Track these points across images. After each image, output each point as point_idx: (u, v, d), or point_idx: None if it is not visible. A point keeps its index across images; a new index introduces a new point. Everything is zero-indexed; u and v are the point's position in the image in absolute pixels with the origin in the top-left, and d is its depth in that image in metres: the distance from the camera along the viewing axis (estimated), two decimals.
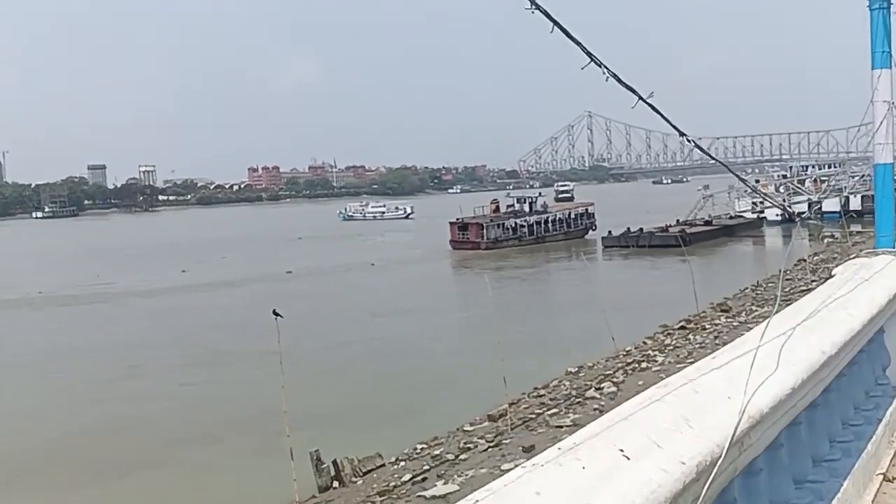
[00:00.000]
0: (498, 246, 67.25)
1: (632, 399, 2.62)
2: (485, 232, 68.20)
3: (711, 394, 2.61)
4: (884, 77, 5.73)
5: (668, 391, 2.59)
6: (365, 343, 30.47)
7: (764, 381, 2.80)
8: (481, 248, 66.22)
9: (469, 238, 68.03)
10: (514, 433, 15.35)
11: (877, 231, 6.03)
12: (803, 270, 36.40)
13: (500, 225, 70.16)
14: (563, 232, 72.92)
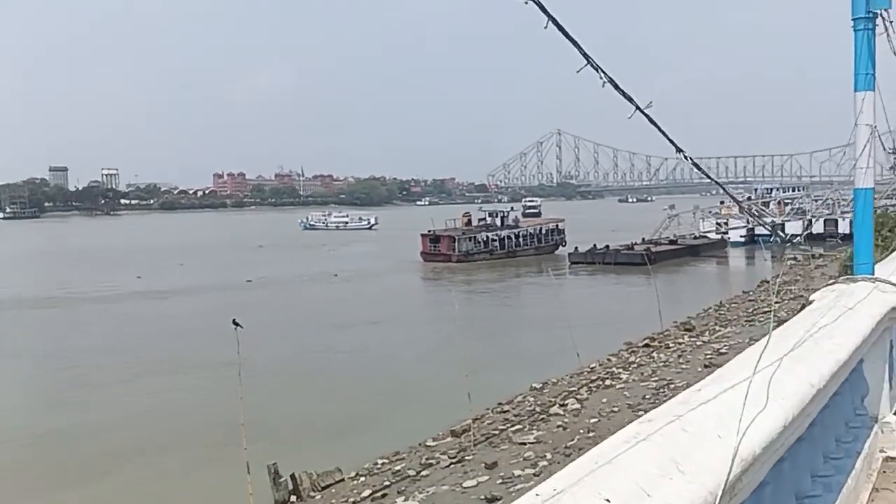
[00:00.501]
0: (469, 259, 67.37)
1: (615, 436, 2.38)
2: (456, 245, 68.34)
3: (701, 433, 2.39)
4: (867, 100, 5.61)
5: (654, 429, 2.35)
6: (326, 355, 29.84)
7: (755, 419, 2.58)
8: (452, 260, 66.26)
9: (440, 250, 68.09)
10: (478, 449, 15.14)
11: (856, 257, 5.90)
12: (766, 292, 36.81)
13: (471, 238, 70.32)
14: (534, 247, 73.35)
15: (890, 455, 5.73)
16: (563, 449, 13.78)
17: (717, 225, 77.47)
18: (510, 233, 73.64)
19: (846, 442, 4.57)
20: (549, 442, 14.46)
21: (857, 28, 5.80)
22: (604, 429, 14.63)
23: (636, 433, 2.35)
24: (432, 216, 74.38)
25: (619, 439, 2.33)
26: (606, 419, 15.44)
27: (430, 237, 69.42)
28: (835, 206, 76.02)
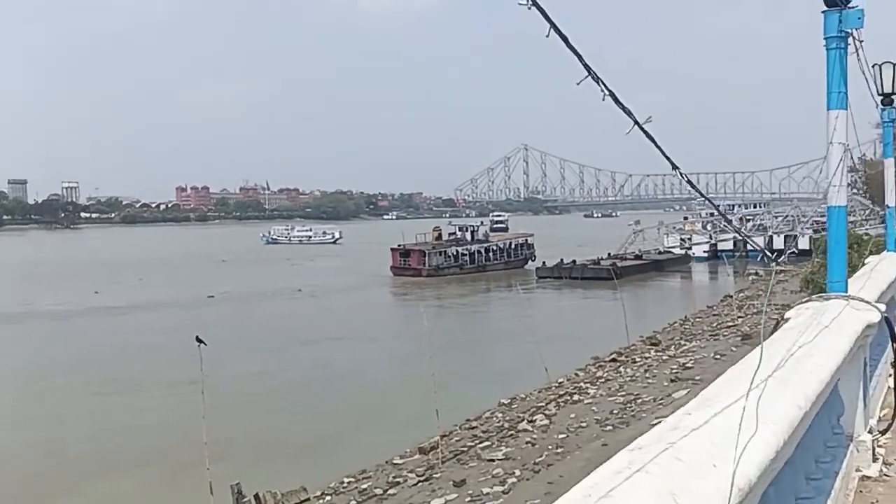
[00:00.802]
0: (439, 273, 67.30)
1: (606, 466, 2.28)
2: (427, 259, 68.28)
3: (696, 462, 2.29)
4: (840, 118, 5.62)
5: (647, 458, 2.25)
6: (291, 372, 29.22)
7: (748, 445, 2.49)
8: (423, 275, 66.08)
9: (411, 265, 67.97)
10: (446, 466, 15.00)
11: (829, 275, 5.90)
12: (729, 307, 37.21)
13: (441, 252, 70.35)
14: (504, 261, 73.65)
15: (866, 474, 5.72)
16: (532, 465, 13.70)
17: (681, 240, 78.48)
18: (480, 247, 73.82)
19: (825, 462, 4.53)
20: (518, 458, 14.36)
21: (830, 47, 5.82)
22: (572, 444, 14.58)
23: (629, 462, 2.25)
24: (400, 230, 74.07)
25: (611, 469, 2.23)
26: (575, 435, 15.40)
27: (401, 251, 69.27)
28: (795, 223, 77.47)
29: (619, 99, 3.40)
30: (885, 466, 6.02)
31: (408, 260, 68.52)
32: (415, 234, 73.11)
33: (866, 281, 7.70)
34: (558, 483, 12.18)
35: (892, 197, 12.83)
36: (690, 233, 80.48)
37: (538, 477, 12.87)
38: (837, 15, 5.77)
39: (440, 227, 78.91)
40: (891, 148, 13.67)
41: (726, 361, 19.45)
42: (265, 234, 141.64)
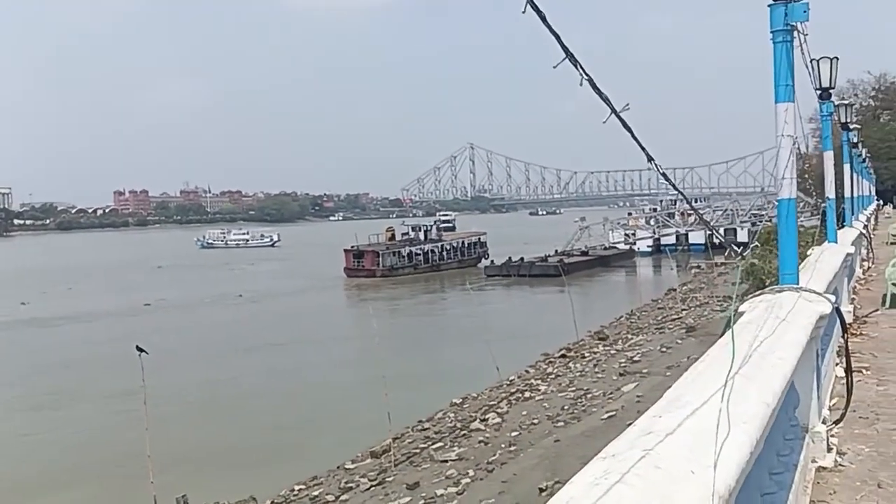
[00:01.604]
0: (394, 274, 67.23)
1: (581, 476, 2.15)
2: (381, 259, 68.23)
3: (675, 469, 2.19)
4: (789, 111, 5.63)
5: (624, 467, 2.13)
6: (235, 380, 28.45)
7: (722, 448, 2.40)
8: (377, 275, 65.97)
9: (365, 265, 67.82)
10: (398, 469, 14.85)
11: (781, 267, 5.92)
12: (673, 300, 37.85)
13: (395, 253, 70.37)
14: (458, 260, 73.95)
15: (822, 465, 5.75)
16: (486, 465, 13.64)
17: (626, 236, 79.67)
18: (433, 246, 74.11)
19: (784, 455, 4.49)
20: (472, 458, 14.30)
21: (776, 40, 5.82)
22: (525, 442, 14.58)
23: (605, 472, 2.13)
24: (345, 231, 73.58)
25: (586, 480, 2.11)
26: (527, 432, 15.41)
27: (354, 252, 69.12)
28: (734, 216, 79.31)
29: (598, 85, 3.30)
30: (839, 456, 6.07)
31: (361, 261, 68.38)
32: (362, 234, 72.67)
33: (813, 272, 7.80)
34: (512, 481, 12.14)
35: (831, 189, 13.12)
36: (634, 228, 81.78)
37: (492, 476, 12.82)
38: (783, 8, 5.78)
39: (393, 228, 78.94)
40: (829, 141, 13.99)
41: (672, 354, 19.74)
42: (200, 239, 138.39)
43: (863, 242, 20.77)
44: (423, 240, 75.27)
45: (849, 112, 19.09)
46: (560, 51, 3.06)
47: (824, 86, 11.98)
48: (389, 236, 75.49)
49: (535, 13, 2.85)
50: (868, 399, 7.92)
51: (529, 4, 2.79)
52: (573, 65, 3.13)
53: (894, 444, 6.50)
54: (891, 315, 13.19)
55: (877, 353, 10.18)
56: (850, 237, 15.66)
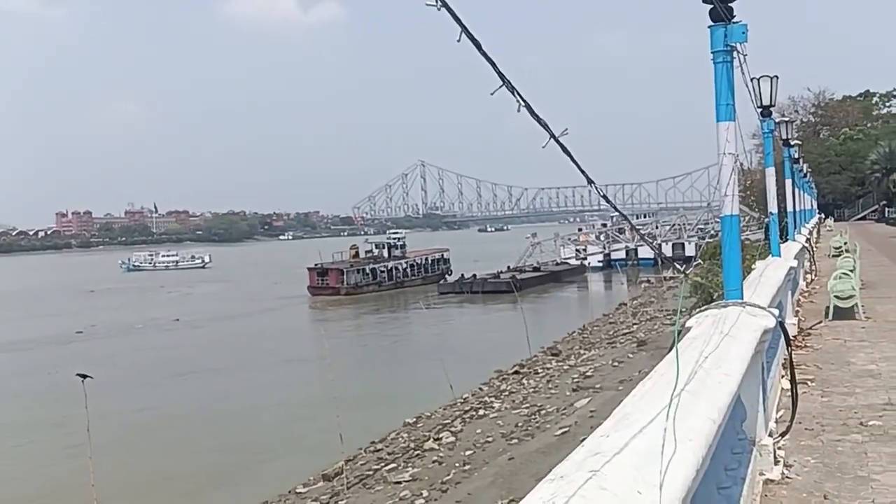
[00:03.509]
0: (358, 291, 67.10)
1: (530, 498, 2.14)
2: (345, 277, 67.98)
3: (621, 490, 2.18)
4: (730, 130, 5.75)
5: (572, 489, 2.12)
6: (180, 405, 27.50)
7: (668, 467, 2.40)
8: (341, 293, 65.73)
9: (329, 283, 67.49)
10: (351, 492, 14.65)
11: (726, 283, 6.02)
12: (624, 314, 38.28)
13: (359, 270, 70.19)
14: (422, 277, 74.16)
15: (769, 477, 5.84)
16: (440, 485, 13.54)
17: (577, 251, 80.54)
18: (397, 264, 74.23)
19: (732, 469, 4.55)
20: (426, 479, 14.18)
21: (717, 61, 5.95)
22: (479, 460, 14.52)
23: (553, 494, 2.11)
24: (296, 251, 72.97)
25: (534, 502, 2.09)
26: (481, 450, 15.35)
27: (318, 270, 68.85)
28: (681, 231, 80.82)
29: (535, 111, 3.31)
30: (786, 469, 6.17)
31: (325, 279, 68.17)
32: (311, 253, 72.15)
33: (757, 286, 7.96)
34: (466, 501, 12.07)
35: (774, 204, 13.43)
36: (585, 244, 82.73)
37: (446, 496, 12.73)
38: (723, 30, 5.92)
39: (357, 245, 78.71)
40: (771, 157, 14.35)
41: (624, 368, 19.91)
42: (125, 262, 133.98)
43: (806, 256, 21.30)
44: (387, 257, 75.34)
45: (789, 129, 19.63)
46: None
47: (765, 104, 12.30)
48: (353, 254, 75.31)
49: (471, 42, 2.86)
50: (813, 410, 8.09)
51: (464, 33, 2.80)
52: (510, 91, 3.14)
53: (839, 455, 6.63)
54: (834, 327, 13.53)
55: (821, 365, 10.41)
56: (793, 251, 16.03)
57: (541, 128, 3.45)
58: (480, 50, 2.95)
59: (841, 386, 9.20)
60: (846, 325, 13.65)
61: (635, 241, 77.14)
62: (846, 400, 8.52)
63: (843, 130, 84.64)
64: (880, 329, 13.16)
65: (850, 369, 10.12)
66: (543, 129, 3.45)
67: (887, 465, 6.25)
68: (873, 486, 5.81)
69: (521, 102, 3.24)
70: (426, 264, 77.03)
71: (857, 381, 9.39)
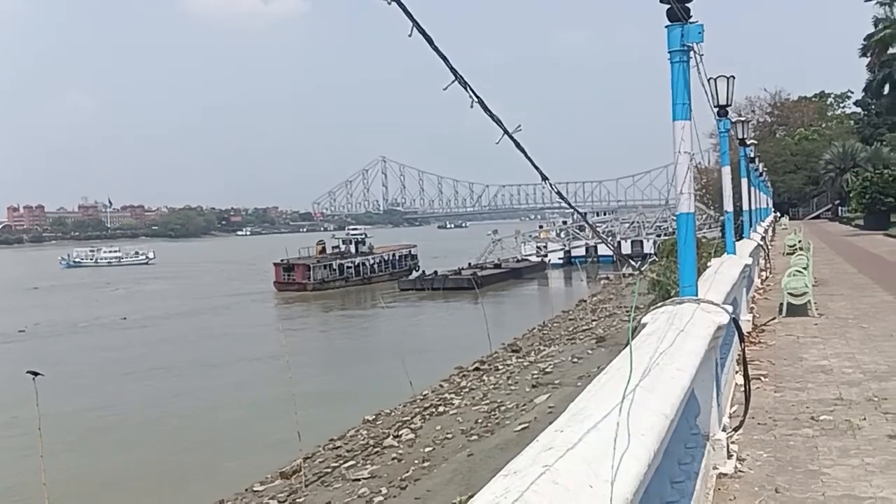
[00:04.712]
0: (325, 287, 66.62)
1: (483, 494, 2.13)
2: (311, 273, 67.46)
3: (573, 484, 2.19)
4: (685, 129, 5.81)
5: (524, 484, 2.12)
6: (133, 405, 26.71)
7: (621, 462, 2.42)
8: (308, 289, 65.18)
9: (295, 279, 66.95)
10: (309, 490, 14.56)
11: (681, 280, 6.09)
12: (584, 311, 38.60)
13: (326, 266, 69.78)
14: (389, 273, 73.96)
15: (722, 471, 5.93)
16: (399, 481, 13.51)
17: (538, 248, 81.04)
18: (364, 259, 73.95)
19: (686, 464, 4.60)
20: (385, 476, 14.14)
21: (674, 60, 6.01)
22: (439, 457, 14.51)
23: (506, 489, 2.11)
24: (254, 246, 72.21)
25: (488, 498, 2.09)
26: (441, 447, 15.35)
27: (284, 266, 68.26)
28: (640, 229, 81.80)
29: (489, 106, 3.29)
30: (739, 463, 6.27)
31: (292, 274, 67.67)
32: (267, 249, 71.66)
33: (712, 283, 8.07)
34: (425, 498, 12.06)
35: (730, 203, 13.64)
36: (546, 241, 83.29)
37: (405, 493, 12.71)
38: (680, 29, 5.98)
39: (324, 241, 78.22)
40: (727, 156, 14.57)
41: (583, 364, 20.08)
42: (65, 258, 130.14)
43: (761, 253, 21.67)
44: (354, 253, 75.08)
45: (745, 128, 19.91)
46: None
47: (721, 103, 12.47)
48: (320, 249, 74.94)
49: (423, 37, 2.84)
50: (766, 406, 8.23)
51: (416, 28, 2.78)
52: (463, 87, 3.12)
53: (791, 449, 6.76)
54: (787, 323, 13.79)
55: (774, 361, 10.60)
56: (748, 248, 16.29)
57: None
58: (432, 45, 2.93)
59: (793, 381, 9.37)
60: (799, 321, 13.92)
61: (595, 238, 77.93)
62: (798, 395, 8.69)
63: (799, 130, 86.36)
64: (832, 326, 13.45)
65: (803, 365, 10.31)
66: (497, 124, 3.43)
67: (837, 459, 6.38)
68: (823, 480, 5.93)
69: (474, 98, 3.23)
70: (394, 260, 77.05)
71: (809, 377, 9.57)
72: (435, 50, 2.96)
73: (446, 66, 3.06)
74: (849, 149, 72.24)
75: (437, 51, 2.97)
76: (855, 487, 5.71)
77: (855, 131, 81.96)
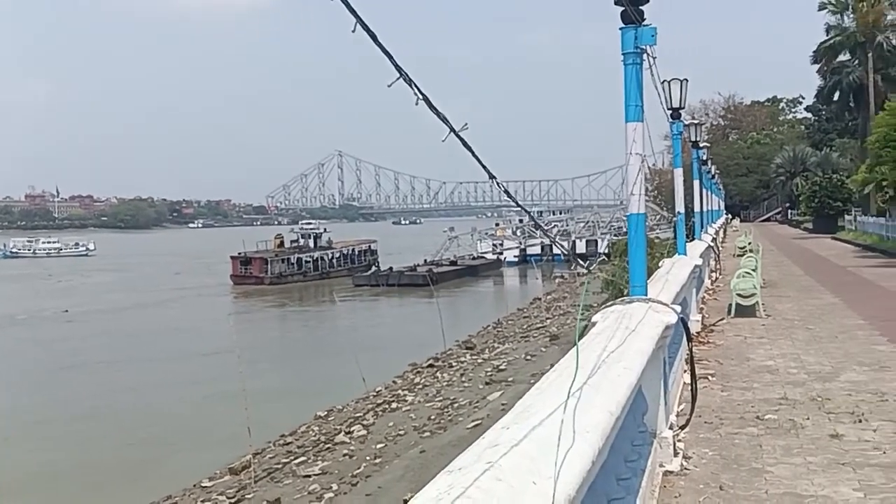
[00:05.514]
0: (282, 281, 66.15)
1: (426, 491, 2.12)
2: (269, 267, 66.89)
3: (516, 481, 2.19)
4: (638, 130, 5.88)
5: (467, 480, 2.11)
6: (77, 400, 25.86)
7: (566, 459, 2.43)
8: (265, 283, 64.72)
9: (252, 273, 66.30)
10: (259, 486, 14.40)
11: (631, 279, 6.15)
12: (538, 309, 38.87)
13: (284, 260, 69.17)
14: (348, 268, 73.65)
15: (668, 469, 6.01)
16: (350, 478, 13.45)
17: (494, 246, 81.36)
18: (323, 254, 73.46)
19: (632, 461, 4.65)
20: (336, 472, 14.06)
21: (627, 63, 6.07)
22: (391, 454, 14.48)
23: (449, 486, 2.10)
24: (205, 239, 71.22)
25: (431, 494, 2.07)
26: (393, 443, 15.32)
27: (241, 259, 67.52)
28: (595, 228, 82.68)
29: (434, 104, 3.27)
30: (685, 460, 6.36)
31: (249, 268, 67.00)
32: (219, 243, 70.91)
33: (663, 284, 8.18)
34: (377, 494, 12.02)
35: (681, 204, 13.85)
36: (502, 238, 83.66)
37: (356, 489, 12.65)
38: (633, 32, 6.03)
39: (282, 235, 77.42)
40: (679, 158, 14.78)
41: (536, 362, 20.21)
42: (1, 248, 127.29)
43: (711, 255, 22.05)
44: (312, 247, 74.52)
45: (698, 131, 20.20)
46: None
47: (674, 106, 12.65)
48: (278, 243, 74.14)
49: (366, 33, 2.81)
50: (713, 404, 8.37)
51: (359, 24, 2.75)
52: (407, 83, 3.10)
53: (736, 447, 6.89)
54: (736, 324, 14.06)
55: (722, 361, 10.80)
56: (699, 250, 16.55)
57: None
58: (376, 41, 2.90)
59: (740, 381, 9.56)
60: (747, 322, 14.20)
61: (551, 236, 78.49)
62: (744, 394, 8.85)
63: (751, 134, 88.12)
64: (779, 326, 13.75)
65: (750, 365, 10.52)
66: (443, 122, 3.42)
67: (780, 458, 6.52)
68: (766, 478, 6.05)
69: (419, 95, 3.21)
70: (353, 255, 76.76)
71: (755, 377, 9.77)
72: (379, 46, 2.93)
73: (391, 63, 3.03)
74: (799, 153, 74.01)
75: (381, 47, 2.95)
76: (797, 485, 5.84)
77: (805, 136, 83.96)
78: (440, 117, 3.42)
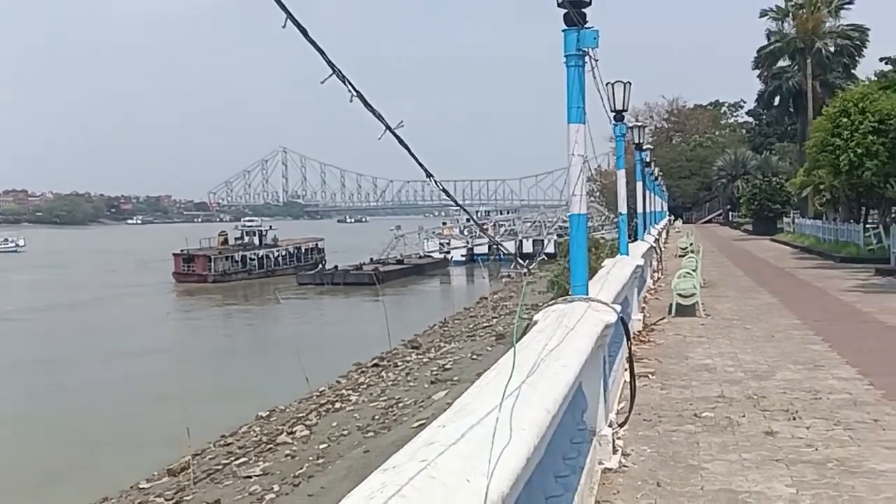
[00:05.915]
0: (226, 279, 65.23)
1: (359, 490, 2.10)
2: (213, 264, 65.82)
3: (450, 479, 2.18)
4: (580, 132, 5.94)
5: (401, 480, 2.10)
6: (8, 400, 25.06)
7: (501, 456, 2.43)
8: (209, 280, 63.71)
9: (195, 270, 65.16)
10: (198, 487, 14.16)
11: (572, 279, 6.21)
12: (485, 308, 39.04)
13: (228, 257, 68.19)
14: (294, 266, 72.83)
15: (608, 466, 6.09)
16: (292, 478, 13.31)
17: (441, 245, 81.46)
18: (268, 252, 72.63)
19: (571, 459, 4.69)
20: (277, 473, 13.90)
21: (569, 65, 6.12)
22: (334, 454, 14.38)
23: (382, 485, 2.08)
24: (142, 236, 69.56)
25: (364, 493, 2.05)
26: (336, 443, 15.21)
27: (184, 257, 66.26)
28: (541, 228, 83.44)
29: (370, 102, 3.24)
30: (623, 458, 6.45)
31: (192, 265, 65.75)
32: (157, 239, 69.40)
33: (604, 283, 8.28)
34: (319, 495, 11.92)
35: (624, 205, 14.06)
36: (449, 237, 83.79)
37: (298, 490, 12.53)
38: (576, 34, 6.08)
39: (226, 232, 76.08)
40: (622, 160, 15.00)
41: (482, 361, 20.28)
42: None
43: (654, 255, 22.43)
44: (257, 245, 73.61)
45: (642, 133, 20.50)
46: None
47: (617, 108, 12.82)
48: (222, 241, 72.83)
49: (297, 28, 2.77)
50: (652, 402, 8.51)
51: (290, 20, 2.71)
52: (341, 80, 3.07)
53: (674, 444, 7.01)
54: (676, 323, 14.33)
55: (662, 359, 10.99)
56: (641, 250, 16.82)
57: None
58: (307, 37, 2.85)
59: (679, 379, 9.73)
60: (687, 321, 14.49)
61: (497, 236, 78.96)
62: (683, 392, 9.02)
63: (694, 137, 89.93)
64: (717, 326, 14.06)
65: (688, 363, 10.73)
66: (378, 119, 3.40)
67: (716, 455, 6.66)
68: (702, 475, 6.17)
69: (353, 92, 3.18)
70: (299, 253, 76.01)
71: (693, 375, 9.96)
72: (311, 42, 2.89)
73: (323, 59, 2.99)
74: (740, 156, 75.84)
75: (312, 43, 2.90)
76: (732, 482, 5.97)
77: (746, 140, 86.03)
78: (375, 114, 3.39)
